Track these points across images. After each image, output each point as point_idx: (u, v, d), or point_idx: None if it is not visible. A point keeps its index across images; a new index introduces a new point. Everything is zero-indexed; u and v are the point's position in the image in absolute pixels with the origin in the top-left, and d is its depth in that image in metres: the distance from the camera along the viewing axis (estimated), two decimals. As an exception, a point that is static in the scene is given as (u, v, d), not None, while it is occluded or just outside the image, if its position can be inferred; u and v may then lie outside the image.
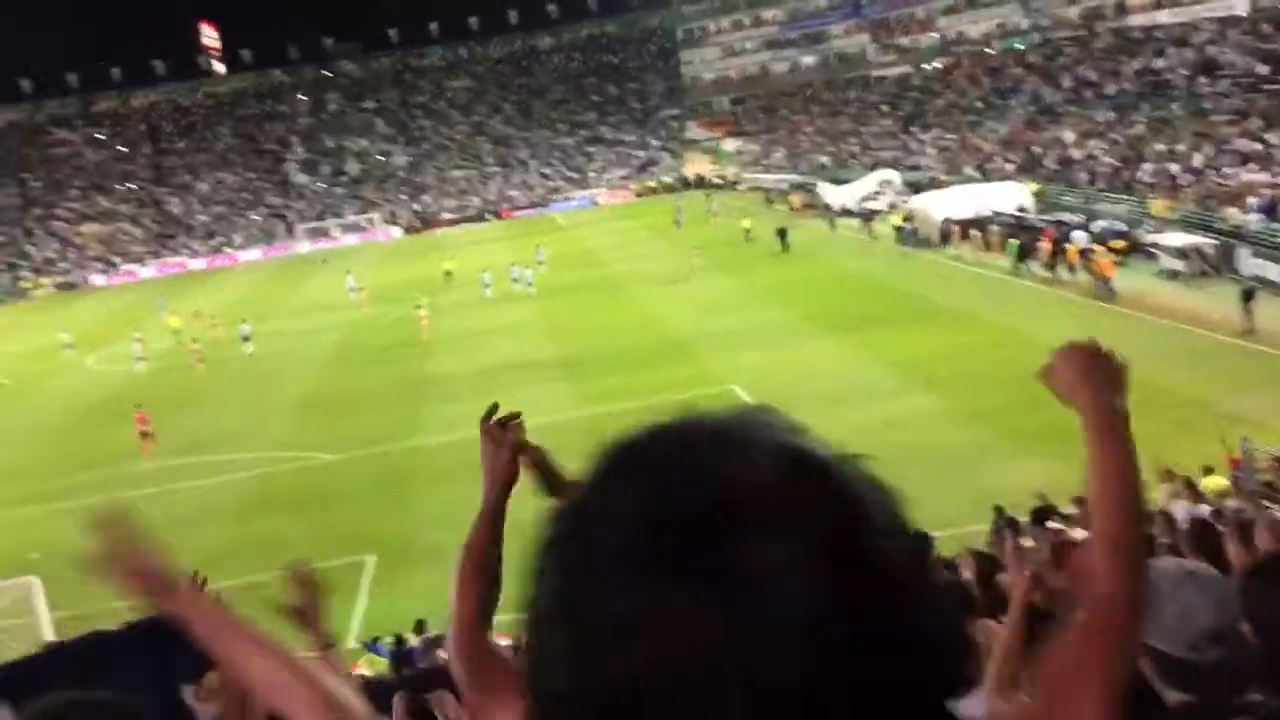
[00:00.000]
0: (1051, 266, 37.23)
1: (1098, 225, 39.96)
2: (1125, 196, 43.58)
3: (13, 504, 28.04)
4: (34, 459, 32.65)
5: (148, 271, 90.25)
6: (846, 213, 56.60)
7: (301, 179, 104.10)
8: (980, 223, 43.39)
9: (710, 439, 0.97)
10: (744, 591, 0.87)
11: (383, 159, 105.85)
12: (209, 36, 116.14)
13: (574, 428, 26.27)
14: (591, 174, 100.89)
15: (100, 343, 51.38)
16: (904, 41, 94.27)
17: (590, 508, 0.97)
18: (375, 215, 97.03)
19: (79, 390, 42.47)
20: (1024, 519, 14.06)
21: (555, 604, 0.95)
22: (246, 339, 45.11)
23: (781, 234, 50.47)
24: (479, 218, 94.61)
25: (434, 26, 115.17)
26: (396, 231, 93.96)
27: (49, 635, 17.08)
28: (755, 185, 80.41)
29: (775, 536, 0.88)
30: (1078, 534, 10.03)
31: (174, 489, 27.58)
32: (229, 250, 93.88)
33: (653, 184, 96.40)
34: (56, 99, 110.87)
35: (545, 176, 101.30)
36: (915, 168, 65.69)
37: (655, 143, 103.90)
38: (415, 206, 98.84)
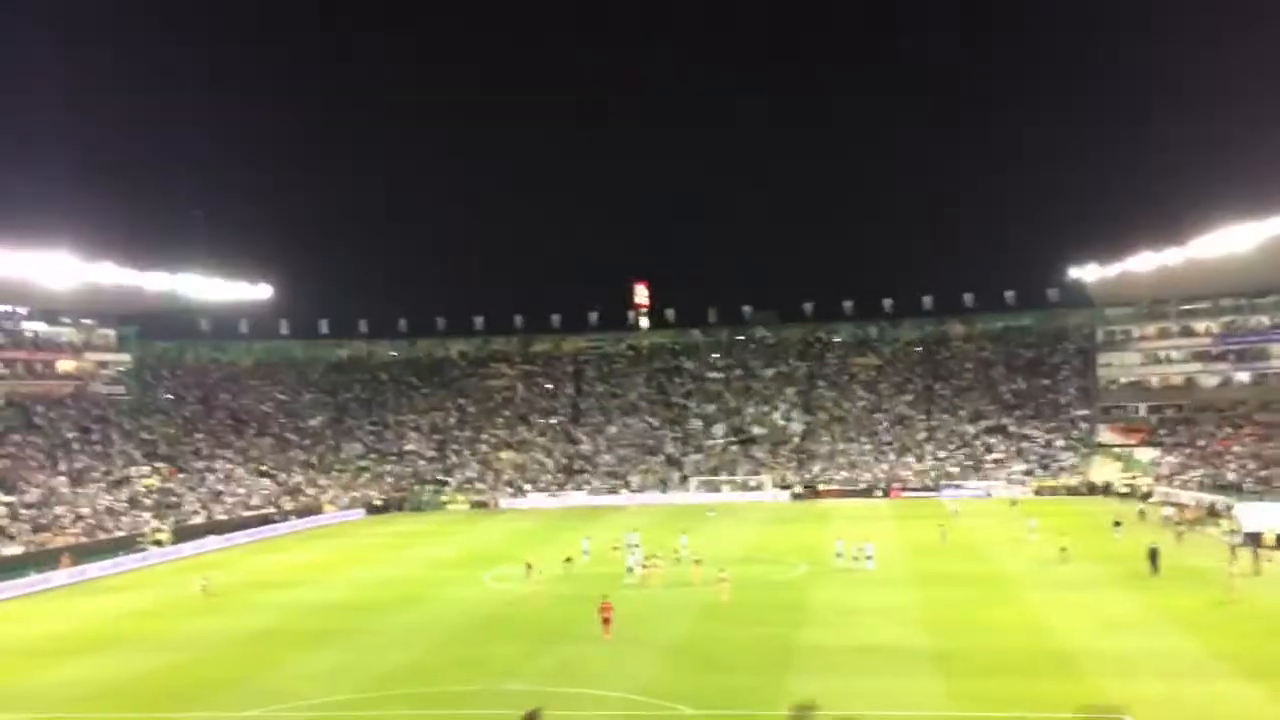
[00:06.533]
0: None
1: None
2: None
3: (398, 703, 29.89)
4: (423, 664, 34.81)
5: (550, 502, 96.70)
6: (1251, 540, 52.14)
7: (701, 433, 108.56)
8: None
9: None
10: None
11: (782, 424, 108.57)
12: (640, 295, 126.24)
13: (943, 728, 24.76)
14: (989, 464, 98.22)
15: (498, 561, 54.76)
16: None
17: None
18: (766, 477, 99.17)
19: (476, 602, 45.06)
20: None
21: None
22: (631, 570, 49.60)
23: (1153, 555, 46.97)
24: (867, 493, 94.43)
25: (848, 305, 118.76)
26: (784, 495, 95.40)
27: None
28: (1168, 500, 74.99)
29: None
30: None
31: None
32: (624, 491, 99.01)
33: (1053, 482, 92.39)
34: (502, 337, 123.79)
35: (940, 460, 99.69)
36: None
37: (1060, 442, 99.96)
38: (805, 474, 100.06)
